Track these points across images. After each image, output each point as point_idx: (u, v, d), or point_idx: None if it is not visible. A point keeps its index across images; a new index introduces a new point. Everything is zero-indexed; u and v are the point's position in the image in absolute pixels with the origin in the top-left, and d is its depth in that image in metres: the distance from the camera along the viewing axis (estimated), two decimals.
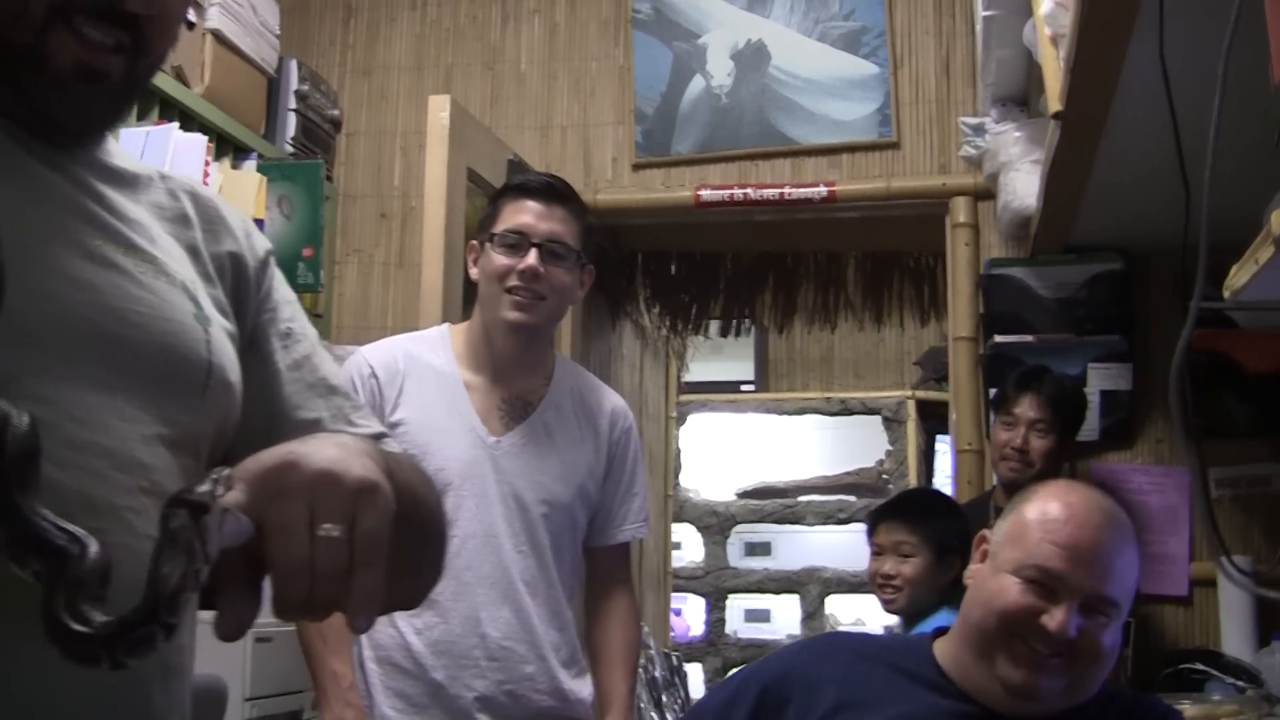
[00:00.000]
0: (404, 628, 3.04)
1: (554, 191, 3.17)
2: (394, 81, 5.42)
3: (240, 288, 1.54)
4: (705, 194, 5.00)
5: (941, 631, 2.30)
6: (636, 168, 5.15)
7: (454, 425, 3.07)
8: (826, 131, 5.00)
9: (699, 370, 8.29)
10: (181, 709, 1.41)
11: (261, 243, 1.60)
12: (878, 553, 3.95)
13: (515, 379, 3.17)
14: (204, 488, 1.07)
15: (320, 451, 1.13)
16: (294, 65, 5.02)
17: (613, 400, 3.33)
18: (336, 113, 5.28)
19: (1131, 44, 2.66)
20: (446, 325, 3.35)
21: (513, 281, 3.06)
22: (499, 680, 3.03)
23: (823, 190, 4.91)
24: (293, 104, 4.99)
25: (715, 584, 8.73)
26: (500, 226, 3.12)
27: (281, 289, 1.61)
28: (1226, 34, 1.89)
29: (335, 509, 1.09)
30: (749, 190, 4.98)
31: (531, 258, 3.06)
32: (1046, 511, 2.16)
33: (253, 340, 1.54)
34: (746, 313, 6.46)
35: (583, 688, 3.16)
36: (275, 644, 3.78)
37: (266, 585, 1.11)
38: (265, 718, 3.41)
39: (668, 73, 5.14)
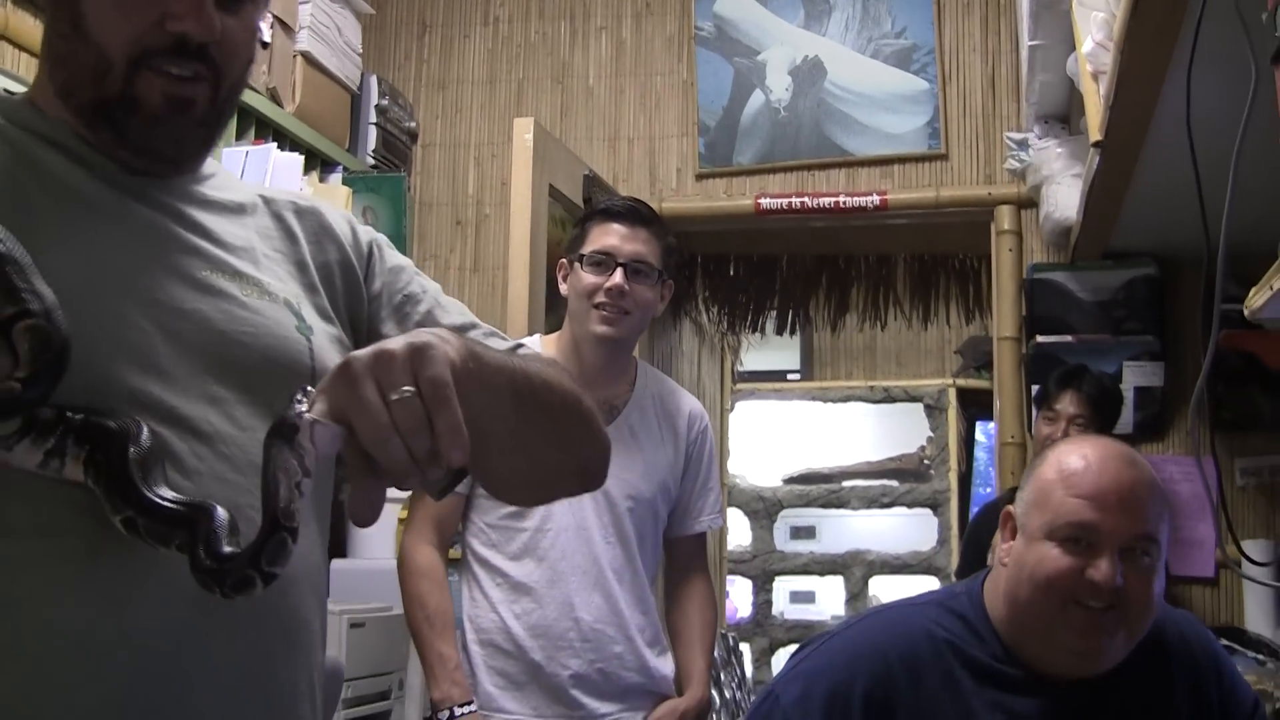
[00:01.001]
0: (504, 613, 3.28)
1: (637, 215, 3.39)
2: (468, 95, 5.66)
3: (351, 289, 1.66)
4: (765, 202, 5.26)
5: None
6: (700, 177, 5.40)
7: None
8: (879, 143, 5.25)
9: (746, 360, 8.45)
10: (308, 683, 1.53)
11: (365, 234, 1.72)
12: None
13: (602, 385, 3.39)
14: (290, 410, 1.19)
15: (375, 345, 1.22)
16: (374, 81, 5.28)
17: (690, 403, 3.57)
18: (413, 125, 5.56)
19: (1165, 85, 2.89)
20: (538, 336, 3.58)
21: (600, 299, 3.30)
22: (591, 659, 3.26)
23: (875, 199, 5.17)
24: (373, 118, 5.25)
25: (762, 567, 8.81)
26: (588, 248, 3.35)
27: (393, 261, 1.72)
28: (1250, 84, 2.08)
29: (395, 376, 1.17)
30: (806, 199, 5.23)
31: (617, 276, 3.29)
32: (1065, 467, 2.11)
33: (378, 321, 1.67)
34: (800, 311, 6.71)
35: (666, 665, 3.39)
36: (367, 629, 3.97)
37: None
38: (359, 696, 3.62)
39: (729, 87, 5.39)
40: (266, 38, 4.42)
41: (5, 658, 1.31)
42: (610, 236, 3.35)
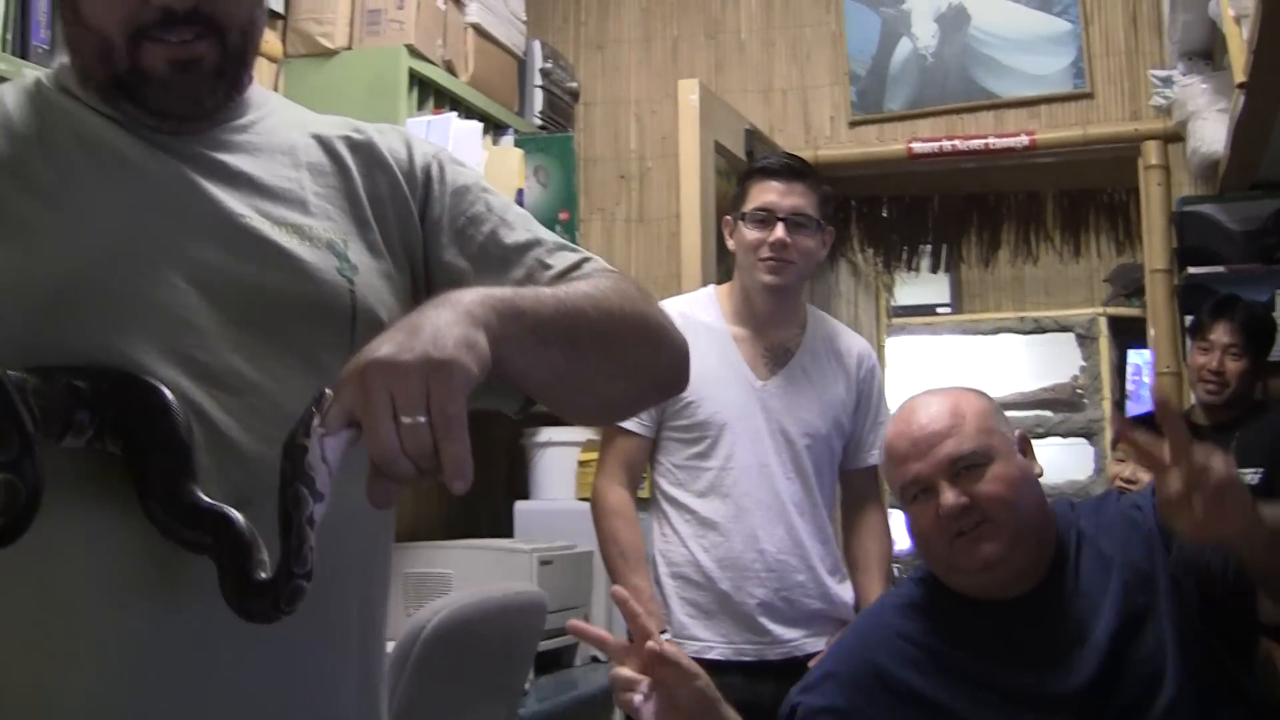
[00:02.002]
0: (693, 547, 3.49)
1: (793, 170, 3.61)
2: (624, 54, 5.83)
3: (404, 219, 1.63)
4: (917, 147, 5.40)
5: None
6: (852, 125, 5.55)
7: (727, 374, 3.52)
8: (1025, 85, 5.36)
9: (897, 295, 8.51)
10: (355, 681, 1.54)
11: (424, 157, 1.67)
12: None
13: (775, 330, 3.62)
14: (300, 424, 1.20)
15: (390, 339, 1.22)
16: (538, 45, 5.48)
17: (859, 343, 3.77)
18: (575, 85, 5.76)
19: None
20: (713, 287, 3.78)
21: (765, 253, 3.52)
22: (775, 588, 3.47)
23: (1024, 140, 5.29)
24: (539, 81, 5.45)
25: None
26: (750, 205, 3.57)
27: (456, 182, 1.67)
28: None
29: (410, 397, 1.17)
30: (956, 142, 5.36)
31: (779, 230, 3.51)
32: (892, 435, 2.30)
33: (439, 247, 1.63)
34: (953, 249, 6.86)
35: (845, 592, 3.58)
36: (555, 565, 4.14)
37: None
38: (550, 630, 3.73)
39: (877, 36, 5.53)
40: None
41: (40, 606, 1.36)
42: (769, 193, 3.56)
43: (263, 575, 1.26)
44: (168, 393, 1.36)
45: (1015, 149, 5.33)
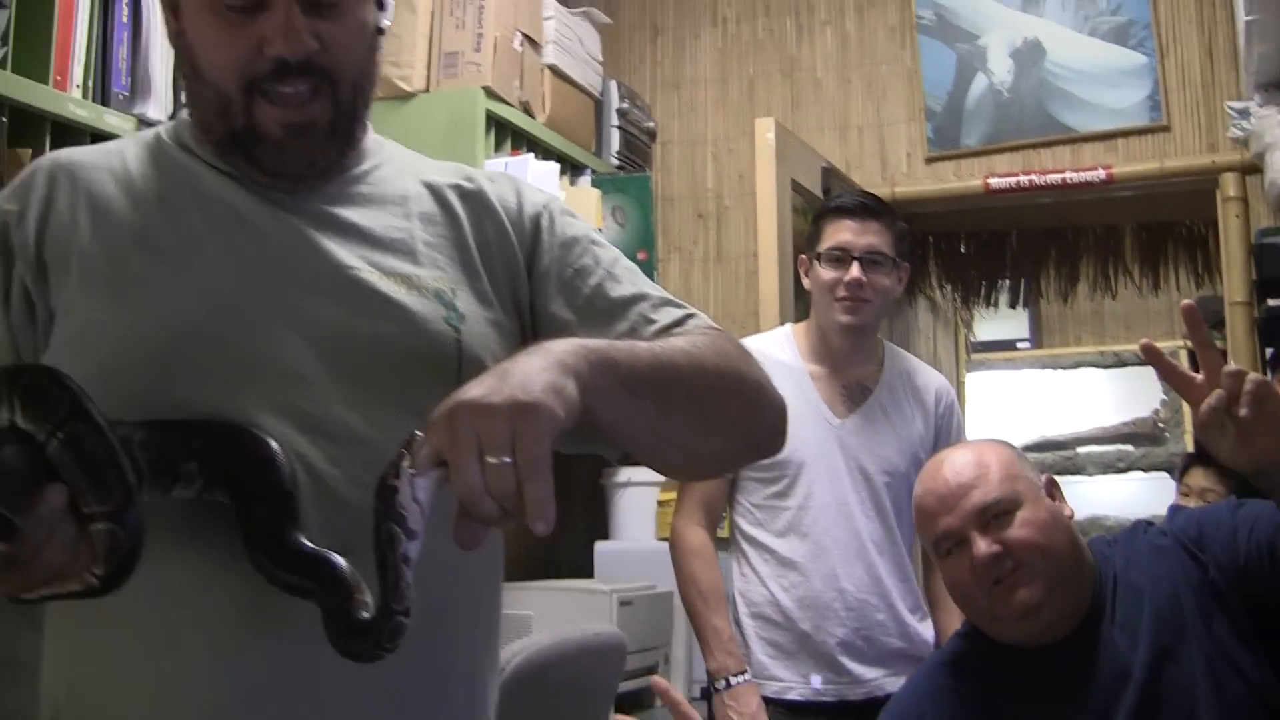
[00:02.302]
0: (773, 587, 3.48)
1: (867, 209, 3.60)
2: (701, 93, 5.88)
3: (511, 269, 1.65)
4: (994, 182, 5.38)
5: None
6: (929, 161, 5.55)
7: (804, 411, 3.45)
8: (1101, 119, 5.35)
9: (976, 331, 8.49)
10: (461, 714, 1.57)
11: (534, 206, 1.69)
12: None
13: (852, 368, 3.62)
14: (390, 466, 1.22)
15: (480, 383, 1.23)
16: (614, 85, 5.52)
17: (936, 379, 3.76)
18: (652, 124, 5.80)
19: None
20: (789, 325, 3.80)
21: (841, 292, 3.52)
22: (855, 627, 3.45)
23: (1101, 174, 5.27)
24: (615, 121, 5.48)
25: None
26: (825, 245, 3.57)
27: (566, 233, 1.68)
28: None
29: (496, 439, 1.18)
30: (1033, 176, 5.34)
31: (854, 270, 3.50)
32: (919, 494, 2.35)
33: (545, 299, 1.64)
34: (1031, 283, 6.85)
35: (926, 630, 3.55)
36: (635, 606, 4.16)
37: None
38: (630, 670, 3.67)
39: (952, 72, 5.55)
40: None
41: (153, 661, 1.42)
42: (844, 232, 3.55)
43: (365, 615, 1.28)
44: (274, 444, 1.40)
45: (1092, 183, 5.31)
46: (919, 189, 5.54)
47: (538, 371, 1.25)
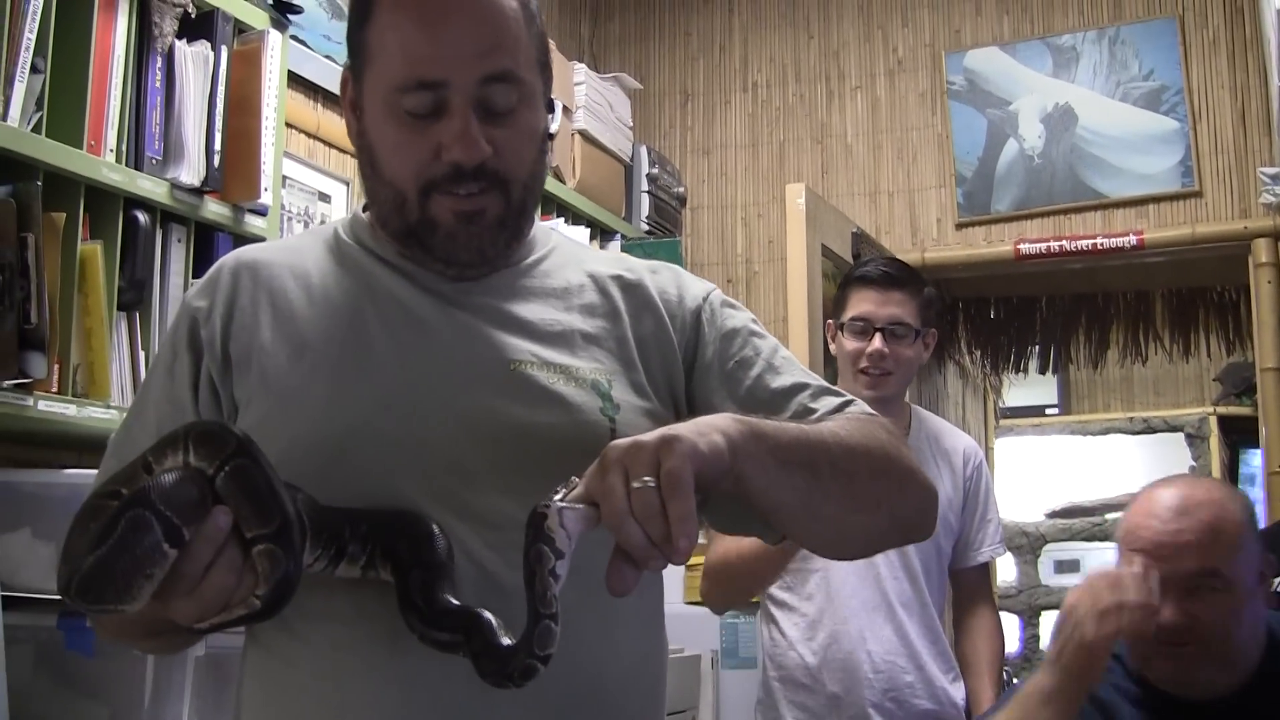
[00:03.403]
0: (802, 650, 3.45)
1: (890, 279, 3.56)
2: (731, 158, 5.92)
3: (668, 362, 1.69)
4: (1024, 247, 5.39)
5: None
6: (960, 226, 5.57)
7: None
8: (1133, 184, 5.36)
9: (1005, 397, 8.33)
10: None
11: (695, 299, 1.75)
12: None
13: None
14: (545, 502, 1.29)
15: (639, 435, 1.31)
16: (644, 151, 5.55)
17: (964, 440, 3.73)
18: (682, 190, 5.82)
19: None
20: None
21: (863, 364, 3.49)
22: (884, 689, 3.42)
23: (1132, 239, 5.27)
24: (646, 186, 5.51)
25: (1028, 602, 8.70)
26: (848, 315, 3.55)
27: (727, 324, 1.73)
28: None
29: (640, 466, 1.25)
30: (1064, 242, 5.35)
31: (876, 341, 3.48)
32: (1140, 516, 2.27)
33: (709, 391, 1.68)
34: (1061, 349, 6.82)
35: (957, 692, 3.52)
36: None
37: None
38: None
39: (983, 138, 5.57)
40: (554, 128, 4.70)
41: (326, 715, 1.52)
42: (866, 303, 3.53)
43: (508, 641, 1.34)
44: (434, 523, 1.48)
45: (1124, 248, 5.31)
46: (949, 254, 5.55)
47: (685, 424, 1.34)
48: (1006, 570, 8.64)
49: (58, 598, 2.45)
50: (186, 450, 1.35)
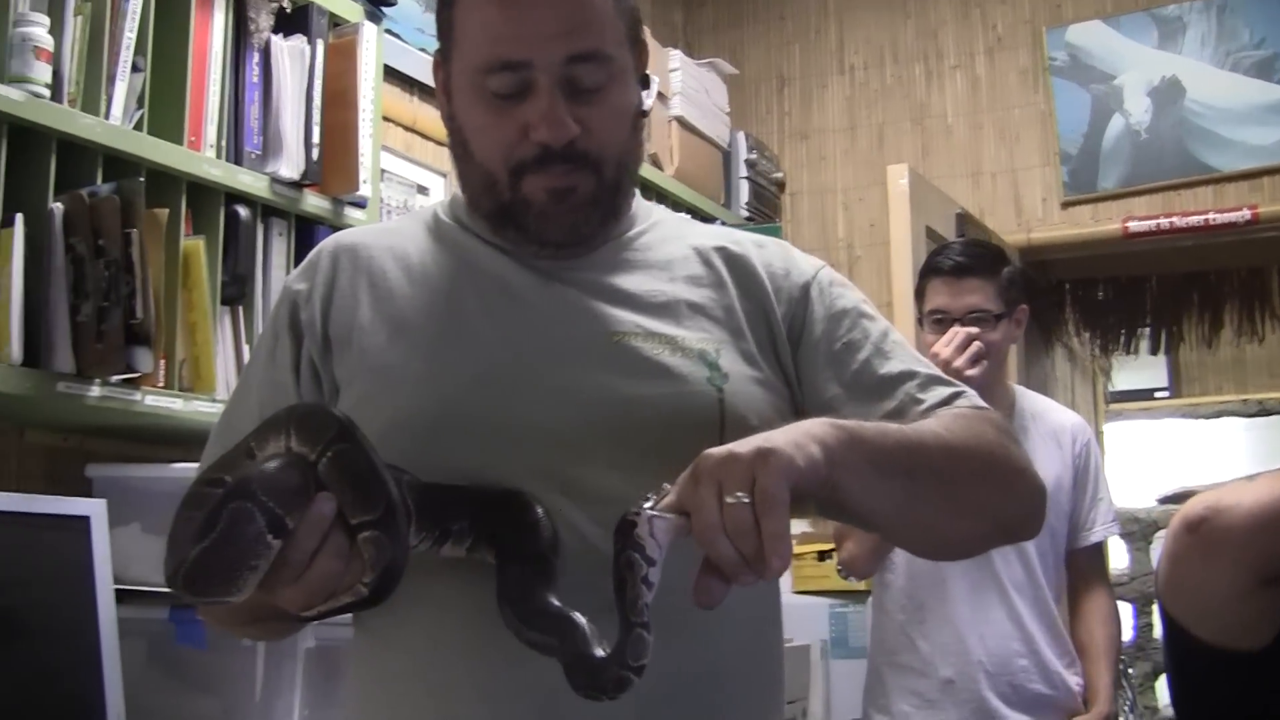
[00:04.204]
0: (913, 635, 3.41)
1: (961, 267, 3.45)
2: (830, 142, 5.86)
3: (775, 336, 1.66)
4: (1133, 226, 5.30)
5: None
6: (1065, 205, 5.47)
7: None
8: (1245, 157, 5.23)
9: (1114, 380, 8.29)
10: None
11: (802, 276, 1.71)
12: None
13: None
14: (634, 509, 1.26)
15: (730, 444, 1.27)
16: (742, 137, 5.53)
17: (1071, 418, 3.65)
18: (780, 175, 5.78)
19: None
20: None
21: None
22: (997, 673, 3.36)
23: (1246, 214, 5.15)
24: (744, 172, 5.49)
25: (1140, 589, 8.61)
26: (926, 308, 3.48)
27: (835, 304, 1.68)
28: None
29: (735, 480, 1.22)
30: (1174, 219, 5.25)
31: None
32: None
33: (814, 370, 1.65)
34: (1173, 329, 6.71)
35: (1072, 677, 3.45)
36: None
37: None
38: None
39: (1088, 114, 5.46)
40: (649, 104, 4.66)
41: (428, 699, 1.51)
42: (940, 296, 3.45)
43: (601, 652, 1.30)
44: (540, 510, 1.46)
45: (1237, 224, 5.20)
46: (1055, 234, 5.46)
47: (782, 432, 1.30)
48: (1118, 557, 8.56)
49: (169, 591, 2.50)
50: (288, 435, 1.34)
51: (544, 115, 1.53)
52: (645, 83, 1.68)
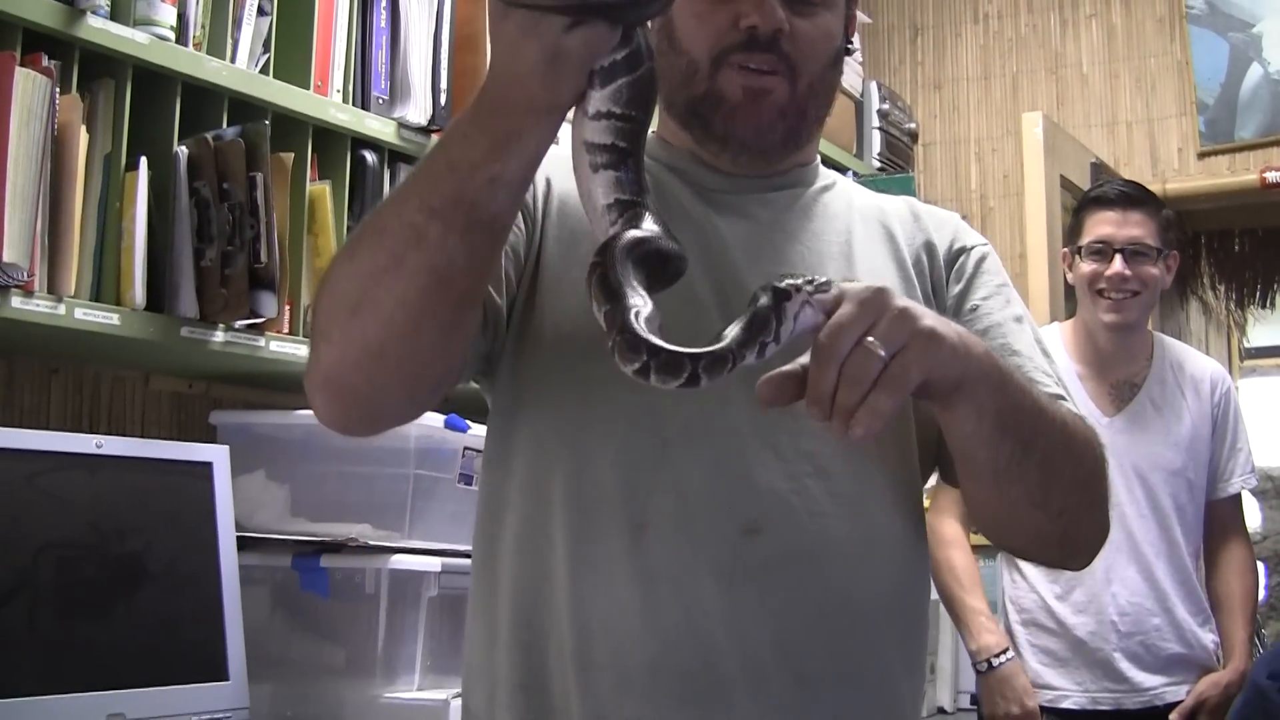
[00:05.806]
0: (1044, 592, 3.42)
1: (1129, 199, 3.49)
2: (963, 92, 5.83)
3: (939, 293, 1.70)
4: (1271, 176, 5.20)
5: None
6: (1201, 155, 5.39)
7: None
8: None
9: (1250, 335, 8.20)
10: (868, 667, 1.56)
11: (962, 244, 1.74)
12: None
13: (1119, 366, 3.51)
14: (796, 280, 1.23)
15: (923, 311, 1.26)
16: (874, 87, 5.47)
17: (1211, 365, 3.64)
18: (913, 125, 5.72)
19: None
20: (1057, 325, 3.70)
21: (1103, 285, 3.43)
22: (1130, 632, 3.36)
23: None
24: (877, 123, 5.44)
25: (1274, 548, 8.51)
26: (1086, 238, 3.48)
27: (986, 287, 1.70)
28: None
29: (891, 333, 1.20)
30: None
31: (1117, 264, 3.41)
32: None
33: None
34: None
35: (1207, 635, 3.44)
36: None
37: None
38: None
39: (1225, 63, 5.37)
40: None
41: (563, 619, 1.51)
42: (1104, 225, 3.46)
43: (658, 341, 1.21)
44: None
45: None
46: (1191, 185, 5.39)
47: (957, 330, 1.30)
48: (1251, 516, 8.41)
49: (292, 538, 2.47)
50: None
51: (758, 3, 1.57)
52: (848, 39, 1.71)
